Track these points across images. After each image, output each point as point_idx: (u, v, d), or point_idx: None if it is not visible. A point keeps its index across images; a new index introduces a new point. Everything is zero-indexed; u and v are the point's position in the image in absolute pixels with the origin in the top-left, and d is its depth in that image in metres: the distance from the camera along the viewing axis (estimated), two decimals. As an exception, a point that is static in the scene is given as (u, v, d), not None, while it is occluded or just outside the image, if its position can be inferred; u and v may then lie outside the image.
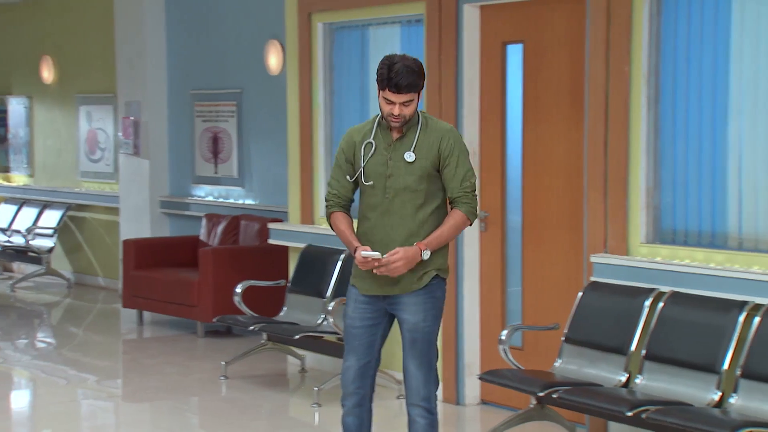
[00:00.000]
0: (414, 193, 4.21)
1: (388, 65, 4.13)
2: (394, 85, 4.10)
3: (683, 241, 5.15)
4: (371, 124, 4.30)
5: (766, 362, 4.48)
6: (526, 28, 5.86)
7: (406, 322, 4.28)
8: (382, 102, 4.16)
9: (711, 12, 4.97)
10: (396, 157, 4.22)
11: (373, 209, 4.25)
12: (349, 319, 4.35)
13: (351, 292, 4.37)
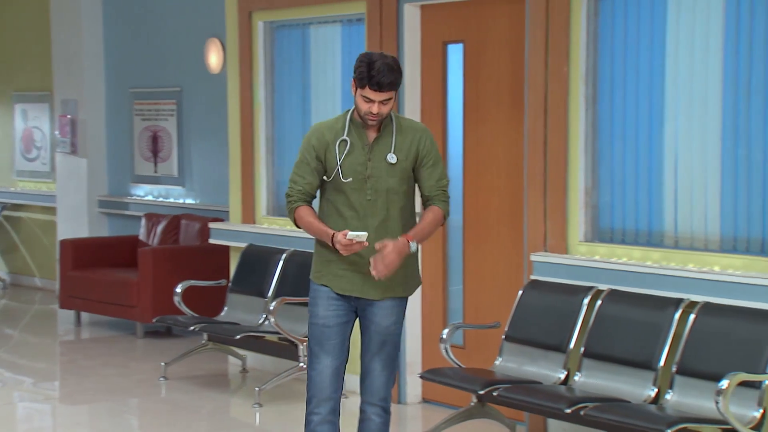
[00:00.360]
0: (397, 195, 4.21)
1: (367, 63, 4.09)
2: (375, 83, 4.06)
3: (621, 239, 5.23)
4: (342, 122, 4.24)
5: (700, 359, 4.57)
6: (467, 27, 5.90)
7: (378, 325, 4.28)
8: (360, 100, 4.12)
9: (647, 13, 5.06)
10: (376, 159, 4.19)
11: (351, 208, 4.20)
12: (320, 318, 4.27)
13: (320, 292, 4.29)
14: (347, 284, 4.25)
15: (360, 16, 6.40)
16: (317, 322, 4.29)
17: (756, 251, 4.69)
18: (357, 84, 4.12)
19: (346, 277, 4.24)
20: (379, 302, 4.26)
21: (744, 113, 4.72)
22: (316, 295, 4.31)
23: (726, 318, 4.58)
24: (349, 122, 4.22)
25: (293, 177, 4.28)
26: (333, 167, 4.20)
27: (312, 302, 4.31)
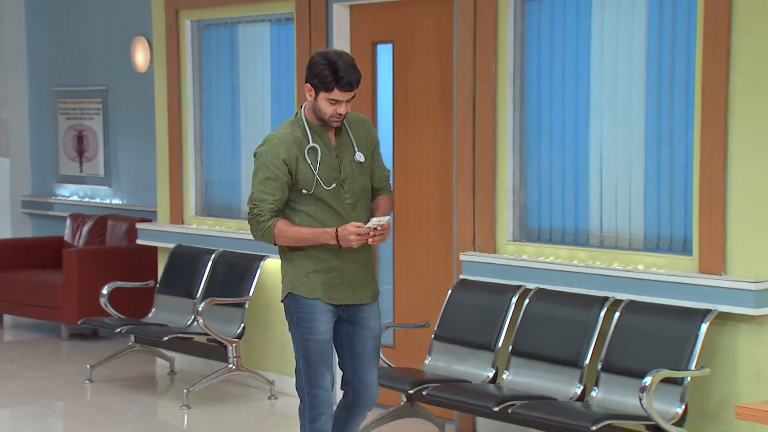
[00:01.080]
0: (366, 193, 4.19)
1: (328, 65, 3.99)
2: (346, 83, 3.98)
3: (548, 239, 5.32)
4: (301, 128, 4.10)
5: (625, 356, 4.68)
6: (396, 28, 5.95)
7: (373, 330, 4.21)
8: (325, 104, 4.02)
9: (572, 14, 5.16)
10: (345, 160, 4.12)
11: (333, 215, 4.09)
12: (323, 334, 4.12)
13: (317, 307, 4.11)
14: (342, 293, 4.14)
15: (289, 15, 6.41)
16: (319, 338, 4.12)
17: (678, 250, 4.81)
18: (320, 88, 4.00)
19: (340, 286, 4.13)
20: (369, 305, 4.20)
21: (667, 114, 4.83)
22: (313, 310, 4.11)
23: (650, 316, 4.69)
24: (308, 128, 4.10)
25: (259, 195, 4.07)
26: (308, 178, 4.07)
27: (308, 318, 4.12)
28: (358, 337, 4.20)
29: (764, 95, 4.42)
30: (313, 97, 4.05)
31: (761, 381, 4.43)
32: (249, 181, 6.75)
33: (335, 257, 4.12)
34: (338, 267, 4.12)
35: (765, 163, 4.43)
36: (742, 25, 4.46)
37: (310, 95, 4.06)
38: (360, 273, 4.17)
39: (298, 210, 4.11)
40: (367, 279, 4.21)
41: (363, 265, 4.19)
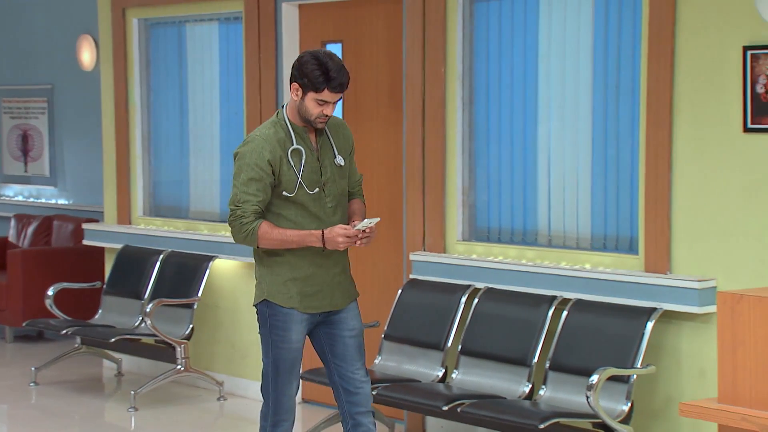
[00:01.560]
0: (344, 197, 4.13)
1: (318, 65, 3.92)
2: (337, 84, 3.92)
3: (497, 238, 5.38)
4: (284, 129, 4.02)
5: (572, 355, 4.74)
6: (345, 27, 5.98)
7: (353, 329, 4.13)
8: (312, 105, 3.95)
9: (520, 16, 5.22)
10: (326, 163, 4.06)
11: (314, 219, 4.02)
12: (294, 343, 4.05)
13: (291, 316, 4.03)
14: (319, 301, 4.07)
15: (237, 14, 6.41)
16: (291, 347, 4.05)
17: (625, 249, 4.89)
18: (309, 88, 3.93)
19: (317, 294, 4.06)
20: (345, 306, 4.15)
21: (613, 114, 4.91)
22: (288, 319, 4.04)
23: (596, 314, 4.76)
24: (291, 129, 4.02)
25: (242, 197, 3.96)
26: (291, 180, 3.98)
27: (282, 327, 4.04)
28: (338, 338, 4.12)
29: (708, 96, 4.51)
30: (300, 97, 3.97)
31: (705, 378, 4.52)
32: (197, 181, 6.80)
33: (312, 263, 4.04)
34: (316, 273, 4.04)
35: (708, 164, 4.53)
36: (686, 26, 4.55)
37: (297, 95, 3.98)
38: (339, 278, 4.11)
39: (277, 214, 4.02)
40: (344, 283, 4.14)
41: (342, 270, 4.13)
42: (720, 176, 4.49)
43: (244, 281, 6.41)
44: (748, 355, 3.40)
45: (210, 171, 6.72)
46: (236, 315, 6.47)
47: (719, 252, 4.50)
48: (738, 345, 3.44)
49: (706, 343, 4.49)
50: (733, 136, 4.44)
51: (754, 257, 4.39)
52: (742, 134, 4.40)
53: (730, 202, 4.47)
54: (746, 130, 4.39)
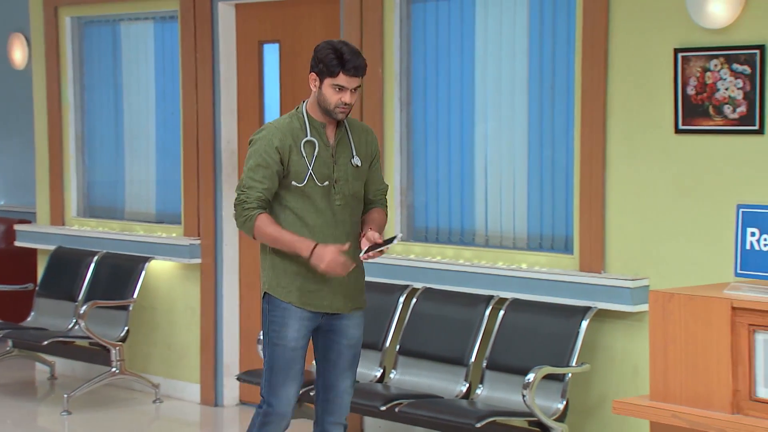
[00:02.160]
0: (357, 200, 4.03)
1: (332, 50, 3.89)
2: (352, 67, 3.86)
3: (435, 238, 5.43)
4: (300, 121, 3.97)
5: (509, 354, 4.81)
6: (282, 27, 5.99)
7: (350, 338, 4.04)
8: (330, 92, 3.89)
9: (457, 17, 5.28)
10: (341, 161, 3.97)
11: (319, 215, 3.94)
12: (291, 341, 3.94)
13: (290, 311, 3.94)
14: (320, 300, 3.96)
15: (173, 13, 6.38)
16: (287, 344, 3.94)
17: (560, 249, 4.98)
18: (325, 74, 3.89)
19: (319, 292, 3.96)
20: (348, 314, 4.04)
21: (548, 115, 4.99)
22: (285, 315, 3.94)
23: (533, 313, 4.84)
24: (308, 122, 3.97)
25: (248, 182, 3.89)
26: (301, 171, 3.91)
27: (279, 322, 3.94)
28: (333, 345, 4.03)
29: (640, 98, 4.61)
30: (318, 87, 3.93)
31: (638, 376, 4.62)
32: (133, 182, 6.76)
33: None
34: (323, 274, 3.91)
35: (641, 165, 4.62)
36: (618, 29, 4.64)
37: (315, 85, 3.95)
38: (346, 281, 3.98)
39: (284, 206, 3.94)
40: (352, 288, 4.03)
41: (357, 273, 4.02)
42: (652, 177, 4.59)
43: (180, 282, 6.40)
44: (678, 352, 3.49)
45: (146, 171, 6.69)
46: (173, 316, 6.44)
47: (652, 251, 4.60)
48: (669, 343, 3.52)
49: (639, 342, 4.59)
50: (665, 138, 4.54)
51: (685, 256, 4.50)
52: (674, 135, 4.51)
53: (662, 203, 4.57)
54: (678, 131, 4.49)
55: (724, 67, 4.32)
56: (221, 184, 6.20)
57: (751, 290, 3.38)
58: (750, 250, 3.40)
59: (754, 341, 3.28)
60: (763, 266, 3.37)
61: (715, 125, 4.37)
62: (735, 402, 3.30)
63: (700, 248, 4.44)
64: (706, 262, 4.40)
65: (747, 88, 4.27)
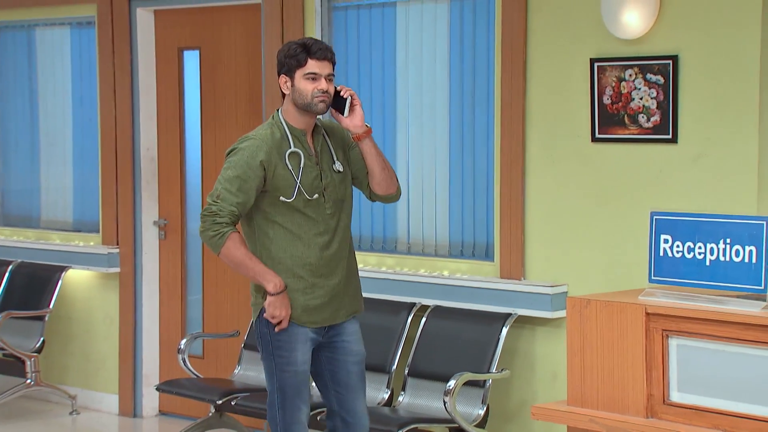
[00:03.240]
0: (346, 203, 3.92)
1: (294, 43, 3.80)
2: (318, 49, 3.75)
3: (357, 246, 5.45)
4: (281, 131, 3.82)
5: (430, 361, 4.87)
6: (202, 34, 5.98)
7: (354, 353, 3.92)
8: (304, 84, 3.76)
9: (378, 25, 5.33)
10: (326, 167, 3.86)
11: (309, 225, 3.80)
12: (300, 365, 3.80)
13: (296, 335, 3.78)
14: (320, 315, 3.84)
15: (90, 19, 6.33)
16: (297, 369, 3.79)
17: (481, 256, 5.05)
18: (294, 68, 3.77)
19: (322, 307, 3.83)
20: (347, 325, 3.91)
21: (469, 124, 5.06)
22: (292, 338, 3.78)
23: (454, 320, 4.90)
24: (289, 132, 3.82)
25: (223, 193, 3.71)
26: (288, 185, 3.76)
27: (287, 347, 3.78)
28: (341, 364, 3.90)
29: (558, 107, 4.70)
30: (290, 87, 3.80)
31: (557, 381, 4.71)
32: (49, 189, 6.68)
33: (312, 274, 3.82)
34: (318, 284, 3.82)
35: (560, 173, 4.72)
36: (537, 39, 4.73)
37: (287, 87, 3.81)
38: (344, 287, 3.89)
39: (272, 221, 3.79)
40: (350, 294, 3.92)
41: (347, 276, 3.92)
42: (570, 185, 4.69)
43: (98, 292, 6.34)
44: (594, 358, 3.57)
45: (62, 179, 6.61)
46: (90, 326, 6.38)
47: (570, 258, 4.70)
48: (586, 348, 3.61)
49: (558, 347, 4.67)
50: (582, 146, 4.64)
51: (602, 263, 4.60)
52: (591, 144, 4.61)
53: (580, 210, 4.67)
54: (594, 140, 4.60)
55: (638, 77, 4.44)
56: (140, 192, 6.16)
57: (665, 296, 3.47)
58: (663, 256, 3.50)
59: (668, 346, 3.37)
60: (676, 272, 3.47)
61: (630, 134, 4.49)
62: (649, 406, 3.40)
63: (617, 255, 4.55)
64: (623, 268, 4.51)
65: (660, 97, 4.39)
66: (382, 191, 3.97)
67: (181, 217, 6.17)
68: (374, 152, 3.90)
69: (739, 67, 4.21)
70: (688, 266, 3.42)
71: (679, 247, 3.48)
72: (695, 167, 4.34)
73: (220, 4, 5.85)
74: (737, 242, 3.25)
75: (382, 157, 3.93)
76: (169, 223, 6.20)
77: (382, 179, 3.93)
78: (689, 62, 4.32)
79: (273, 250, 3.78)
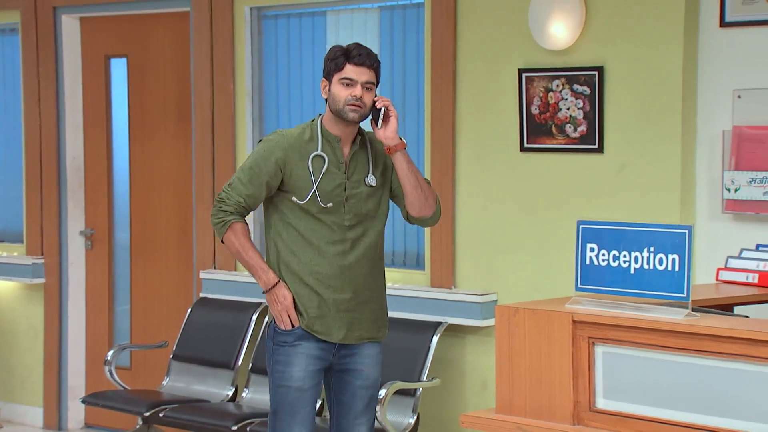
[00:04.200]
0: (375, 219, 3.69)
1: (341, 48, 3.61)
2: (357, 55, 3.55)
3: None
4: (311, 132, 3.64)
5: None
6: (130, 41, 5.94)
7: (366, 378, 3.71)
8: (339, 89, 3.57)
9: (308, 33, 5.35)
10: (355, 178, 3.64)
11: (324, 234, 3.61)
12: (296, 381, 3.60)
13: (299, 348, 3.60)
14: (321, 326, 3.60)
15: (14, 26, 6.26)
16: (291, 385, 3.60)
17: (412, 265, 5.10)
18: (333, 71, 3.59)
19: (321, 320, 3.62)
20: (361, 347, 3.69)
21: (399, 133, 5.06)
22: (291, 353, 3.61)
23: (385, 330, 4.91)
24: (321, 135, 3.65)
25: (234, 182, 3.63)
26: (304, 187, 3.59)
27: (283, 360, 3.62)
28: (347, 386, 3.70)
29: (487, 117, 4.77)
30: (328, 92, 3.61)
31: (487, 389, 4.76)
32: (-27, 199, 6.57)
33: (320, 283, 3.62)
34: (324, 295, 3.62)
35: (489, 182, 4.79)
36: (466, 50, 4.80)
37: (326, 91, 3.63)
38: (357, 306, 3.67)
39: (287, 223, 3.64)
40: (360, 315, 3.69)
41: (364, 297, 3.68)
42: (499, 194, 4.75)
43: (22, 303, 6.25)
44: (523, 365, 3.62)
45: (-14, 188, 6.52)
46: (14, 339, 6.29)
47: (499, 267, 4.76)
48: (514, 356, 3.65)
49: (488, 356, 4.73)
50: (510, 156, 4.71)
51: (531, 271, 4.67)
52: (519, 154, 4.68)
53: (509, 219, 4.74)
54: (523, 150, 4.67)
55: (565, 88, 4.52)
56: (66, 201, 6.10)
57: (591, 304, 3.53)
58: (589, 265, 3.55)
59: (594, 353, 3.43)
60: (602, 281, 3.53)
61: (557, 144, 4.57)
62: (576, 413, 3.45)
63: (545, 263, 4.62)
64: (551, 276, 4.59)
65: (587, 108, 4.48)
66: (414, 212, 3.72)
67: (109, 226, 6.12)
68: (406, 168, 3.64)
69: (663, 78, 4.31)
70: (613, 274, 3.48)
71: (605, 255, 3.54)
72: (621, 177, 4.43)
73: (148, 12, 5.82)
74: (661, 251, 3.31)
75: (415, 174, 3.66)
76: (96, 232, 6.15)
77: (414, 199, 3.68)
78: (614, 73, 4.41)
79: (283, 253, 3.64)
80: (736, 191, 4.24)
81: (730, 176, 4.23)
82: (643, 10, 4.35)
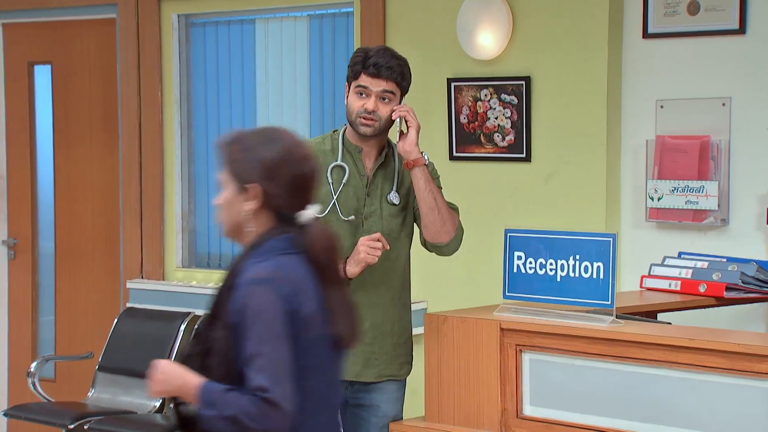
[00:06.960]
0: (397, 239, 3.41)
1: (362, 52, 3.29)
2: (373, 64, 3.22)
3: (217, 264, 5.46)
4: (333, 142, 3.35)
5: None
6: (54, 48, 5.88)
7: (384, 416, 3.47)
8: (353, 98, 3.27)
9: (237, 41, 5.35)
10: (375, 194, 3.36)
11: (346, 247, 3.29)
12: None
13: None
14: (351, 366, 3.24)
15: (-66, 31, 6.15)
16: None
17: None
18: (350, 79, 3.30)
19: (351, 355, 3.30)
20: (379, 385, 3.46)
21: (329, 142, 5.11)
22: None
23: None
24: (342, 144, 3.35)
25: None
26: (323, 199, 3.25)
27: None
28: (362, 423, 3.42)
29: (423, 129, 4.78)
30: (347, 99, 3.33)
31: (417, 398, 4.77)
32: None
33: None
34: None
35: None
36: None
37: (346, 98, 3.34)
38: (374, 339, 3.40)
39: None
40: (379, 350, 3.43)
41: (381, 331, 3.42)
42: (428, 202, 4.78)
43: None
44: (451, 374, 3.66)
45: None
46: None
47: (429, 275, 4.79)
48: (443, 364, 3.69)
49: (418, 364, 4.75)
50: (439, 165, 4.69)
51: (460, 279, 4.71)
52: (449, 162, 4.72)
53: (438, 227, 4.76)
54: (452, 158, 4.71)
55: (493, 97, 4.58)
56: (-11, 211, 6.01)
57: (518, 312, 3.58)
58: (517, 272, 3.60)
59: (521, 361, 3.48)
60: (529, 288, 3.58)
61: (486, 152, 4.62)
62: (503, 420, 3.49)
63: (474, 271, 4.67)
64: (480, 284, 4.63)
65: (515, 117, 4.54)
66: (429, 236, 3.42)
67: (33, 236, 6.04)
68: (423, 186, 3.31)
69: (588, 88, 4.39)
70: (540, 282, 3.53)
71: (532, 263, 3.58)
72: (548, 186, 4.50)
73: (73, 18, 5.77)
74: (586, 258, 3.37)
75: (433, 194, 3.34)
76: (19, 242, 6.06)
77: (430, 222, 3.37)
78: (541, 83, 4.48)
79: None
80: (659, 200, 4.33)
81: (654, 185, 4.32)
82: (568, 22, 4.42)
